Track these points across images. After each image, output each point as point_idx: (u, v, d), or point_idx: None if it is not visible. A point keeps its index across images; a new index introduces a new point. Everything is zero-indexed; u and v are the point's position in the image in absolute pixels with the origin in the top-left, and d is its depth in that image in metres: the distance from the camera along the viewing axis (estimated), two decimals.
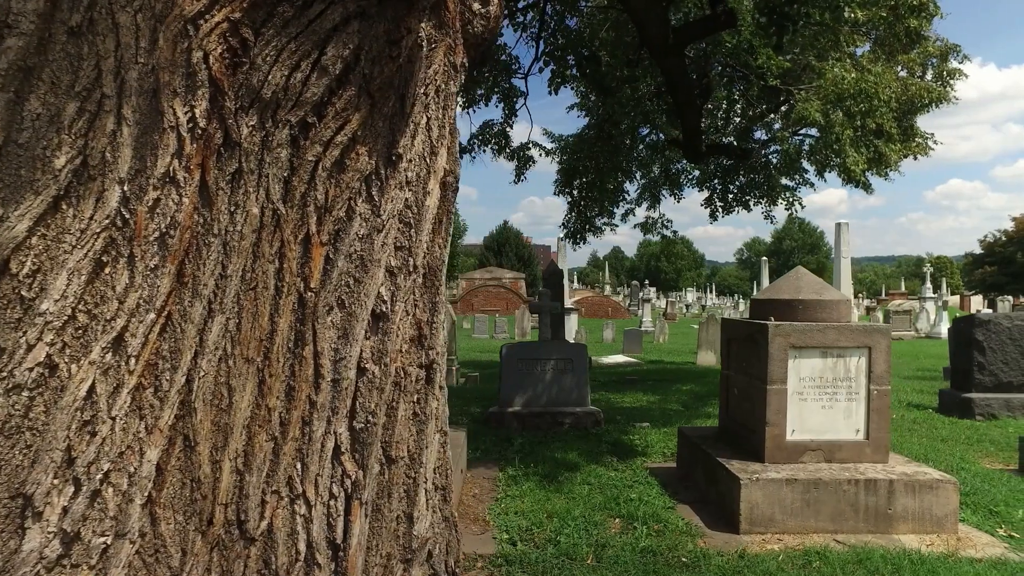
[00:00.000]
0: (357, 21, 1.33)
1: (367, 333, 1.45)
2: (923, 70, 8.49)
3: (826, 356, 3.65)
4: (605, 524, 3.50)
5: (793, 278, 3.97)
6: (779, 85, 7.10)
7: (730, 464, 3.61)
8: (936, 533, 3.40)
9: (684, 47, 5.45)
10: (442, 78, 1.65)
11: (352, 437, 1.40)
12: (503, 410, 6.08)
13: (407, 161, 1.53)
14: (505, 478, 4.35)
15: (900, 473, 3.49)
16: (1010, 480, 4.33)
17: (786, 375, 3.60)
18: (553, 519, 3.54)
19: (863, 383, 3.66)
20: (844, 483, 3.40)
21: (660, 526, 3.45)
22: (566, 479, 4.26)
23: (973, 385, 6.49)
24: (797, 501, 3.39)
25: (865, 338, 3.64)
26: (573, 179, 7.32)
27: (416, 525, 1.51)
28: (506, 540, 3.29)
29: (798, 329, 3.61)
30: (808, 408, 3.65)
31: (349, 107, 1.35)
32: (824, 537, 3.34)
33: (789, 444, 3.63)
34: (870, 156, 7.01)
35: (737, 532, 3.37)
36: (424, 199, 1.59)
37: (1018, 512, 3.72)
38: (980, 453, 5.19)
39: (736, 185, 9.13)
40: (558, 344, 6.30)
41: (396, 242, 1.51)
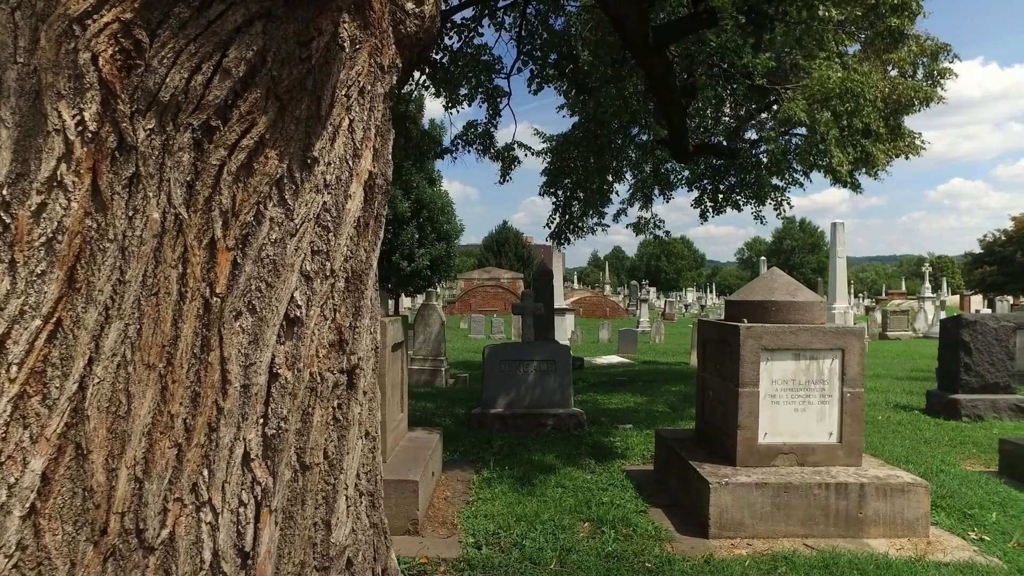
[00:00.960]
0: (261, 23, 1.30)
1: (280, 338, 1.42)
2: (914, 69, 8.45)
3: (799, 358, 3.61)
4: (574, 528, 3.48)
5: (767, 279, 3.93)
6: (765, 84, 7.06)
7: (701, 467, 3.58)
8: (907, 537, 3.36)
9: (666, 46, 5.42)
10: (367, 79, 1.63)
11: (263, 443, 1.37)
12: (485, 411, 6.06)
13: (325, 164, 1.50)
14: (479, 480, 4.32)
15: (872, 476, 3.45)
16: (988, 482, 4.28)
17: (758, 377, 3.57)
18: (521, 523, 3.51)
19: (836, 385, 3.63)
20: (815, 487, 3.37)
21: (629, 530, 3.42)
22: (540, 482, 4.23)
23: (960, 386, 6.44)
24: (767, 505, 3.35)
25: (838, 340, 3.60)
26: (558, 180, 7.29)
27: (335, 532, 1.48)
28: (471, 544, 3.26)
29: (770, 331, 3.57)
30: (781, 411, 3.62)
31: (255, 110, 1.32)
32: (794, 542, 3.31)
33: (761, 447, 3.59)
34: (857, 156, 6.97)
35: (706, 537, 3.34)
36: (345, 202, 1.56)
37: (991, 515, 3.68)
38: (962, 455, 5.14)
39: (726, 185, 9.09)
40: (541, 345, 6.27)
41: (313, 246, 1.48)
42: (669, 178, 8.98)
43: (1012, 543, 3.34)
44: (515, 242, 48.36)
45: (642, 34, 4.96)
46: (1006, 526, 3.52)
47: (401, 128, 5.94)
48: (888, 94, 6.94)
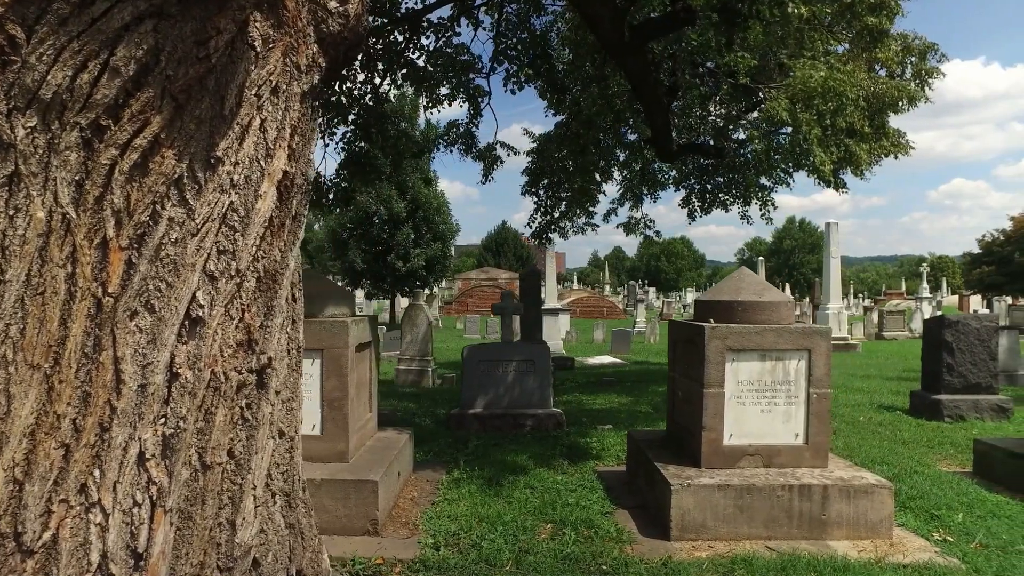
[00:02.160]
0: (152, 21, 1.29)
1: (182, 337, 1.40)
2: (902, 69, 8.42)
3: (765, 359, 3.59)
4: (535, 529, 3.46)
5: (735, 279, 3.91)
6: (749, 83, 7.03)
7: (665, 469, 3.56)
8: (870, 538, 3.33)
9: (643, 45, 5.39)
10: (281, 78, 1.61)
11: (161, 443, 1.36)
12: (464, 412, 6.04)
13: (232, 164, 1.49)
14: (448, 481, 4.31)
15: (836, 478, 3.42)
16: (960, 483, 4.25)
17: (723, 378, 3.54)
18: (483, 524, 3.49)
19: (803, 386, 3.60)
20: (778, 489, 3.34)
21: (590, 532, 3.40)
22: (509, 483, 4.21)
23: (942, 387, 6.41)
24: (730, 507, 3.33)
25: (804, 340, 3.57)
26: (539, 179, 7.26)
27: (240, 532, 1.47)
28: (430, 545, 3.25)
29: (735, 331, 3.55)
30: (746, 412, 3.59)
31: (149, 109, 1.31)
32: (756, 544, 3.28)
33: (726, 449, 3.57)
34: (840, 155, 6.94)
35: (668, 539, 3.31)
36: (255, 202, 1.55)
37: (958, 516, 3.65)
38: (939, 456, 5.11)
39: (713, 185, 9.06)
40: (520, 345, 6.25)
41: (218, 246, 1.47)
42: (656, 177, 8.95)
43: (975, 544, 3.31)
44: (514, 242, 48.36)
45: (617, 33, 4.93)
46: (971, 527, 3.50)
47: (380, 128, 5.94)
48: (872, 93, 6.90)
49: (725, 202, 9.29)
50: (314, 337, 3.63)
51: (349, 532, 3.34)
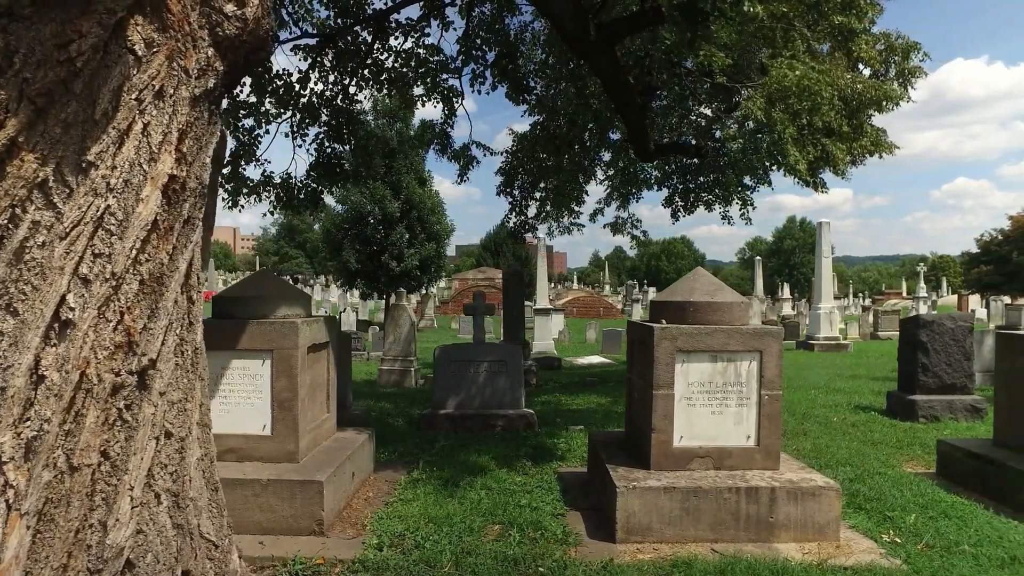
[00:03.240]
0: (2, 21, 1.28)
1: (51, 340, 1.40)
2: (886, 68, 8.38)
3: (716, 360, 3.57)
4: (483, 530, 3.45)
5: (690, 279, 3.89)
6: (726, 83, 7.00)
7: (615, 471, 3.54)
8: (817, 541, 3.31)
9: (612, 44, 5.37)
10: (167, 82, 1.61)
11: (22, 446, 1.36)
12: (435, 412, 6.04)
13: (108, 167, 1.48)
14: (406, 481, 4.30)
15: (785, 480, 3.40)
16: (921, 484, 4.22)
17: (673, 379, 3.53)
18: (431, 524, 3.49)
19: (754, 388, 3.58)
20: (725, 491, 3.32)
21: (537, 534, 3.39)
22: (466, 483, 4.21)
23: (917, 387, 6.38)
24: (676, 510, 3.31)
25: (756, 342, 3.55)
26: (514, 179, 7.25)
27: (112, 533, 1.47)
28: (374, 545, 3.24)
29: (685, 332, 3.53)
30: (697, 414, 3.58)
31: (3, 112, 1.30)
32: (702, 547, 3.27)
33: (676, 451, 3.55)
34: (817, 155, 6.90)
35: (614, 541, 3.30)
36: (136, 206, 1.54)
37: (911, 516, 3.63)
38: (906, 456, 5.08)
39: (695, 185, 9.03)
40: (492, 346, 6.24)
41: (93, 249, 1.47)
42: (638, 177, 8.93)
43: (922, 545, 3.29)
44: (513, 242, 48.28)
45: (581, 31, 4.91)
46: (922, 528, 3.47)
47: (352, 129, 5.93)
48: (850, 93, 6.87)
49: (709, 202, 9.27)
50: (264, 338, 3.63)
51: (295, 532, 3.35)
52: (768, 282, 53.56)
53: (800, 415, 6.63)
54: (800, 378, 9.90)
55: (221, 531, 2.00)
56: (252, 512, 3.34)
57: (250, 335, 3.63)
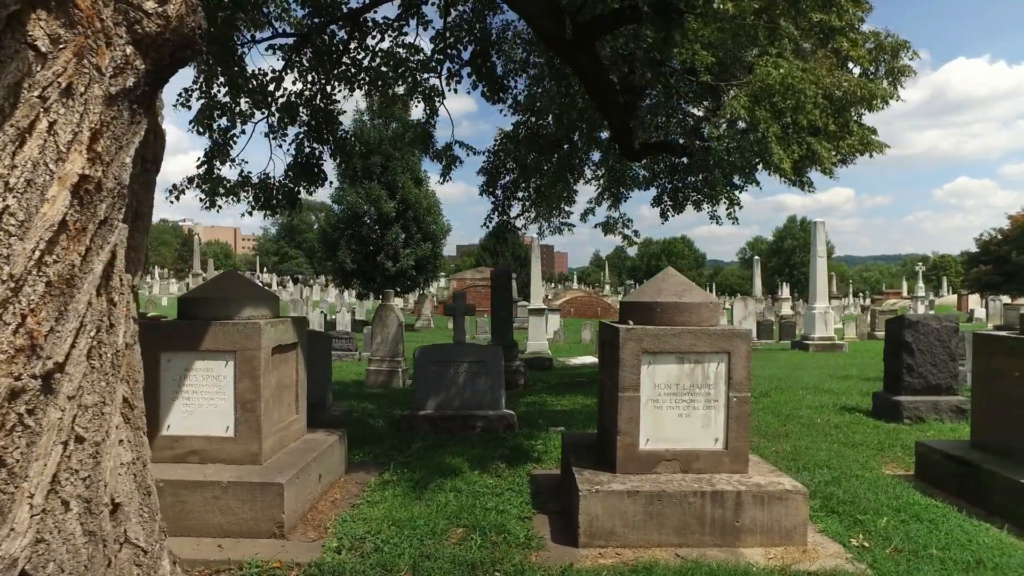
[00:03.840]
0: None
1: None
2: (876, 67, 8.33)
3: (683, 362, 3.52)
4: (446, 534, 3.41)
5: (659, 279, 3.84)
6: (711, 81, 6.94)
7: (580, 474, 3.50)
8: (784, 545, 3.26)
9: (590, 43, 5.32)
10: (76, 79, 1.57)
11: None
12: (415, 413, 6.00)
13: (6, 166, 1.45)
14: (376, 483, 4.27)
15: (752, 484, 3.35)
16: (897, 486, 4.17)
17: (639, 381, 3.48)
18: (395, 527, 3.45)
19: (722, 390, 3.53)
20: (690, 495, 3.27)
21: (500, 537, 3.34)
22: (436, 486, 4.17)
23: (902, 388, 6.31)
24: (640, 514, 3.26)
25: (724, 343, 3.50)
26: (496, 179, 7.20)
27: (6, 543, 1.42)
28: (333, 548, 3.20)
29: (651, 333, 3.48)
30: (664, 416, 3.53)
31: None
32: (666, 551, 3.22)
33: (643, 454, 3.50)
34: (802, 153, 6.84)
35: (576, 546, 3.26)
36: (40, 206, 1.50)
37: (882, 520, 3.58)
38: (887, 458, 5.02)
39: (683, 184, 8.97)
40: (472, 346, 6.20)
41: None
42: (626, 175, 8.87)
43: (890, 549, 3.24)
44: (512, 242, 48.23)
45: (556, 29, 4.87)
46: (892, 531, 3.42)
47: (330, 129, 5.89)
48: (835, 91, 6.80)
49: (698, 201, 9.21)
50: (227, 339, 3.60)
51: (255, 535, 3.31)
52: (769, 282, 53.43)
53: (784, 416, 6.57)
54: (791, 378, 9.83)
55: (152, 536, 1.96)
56: (212, 515, 3.30)
57: (213, 336, 3.59)
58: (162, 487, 3.29)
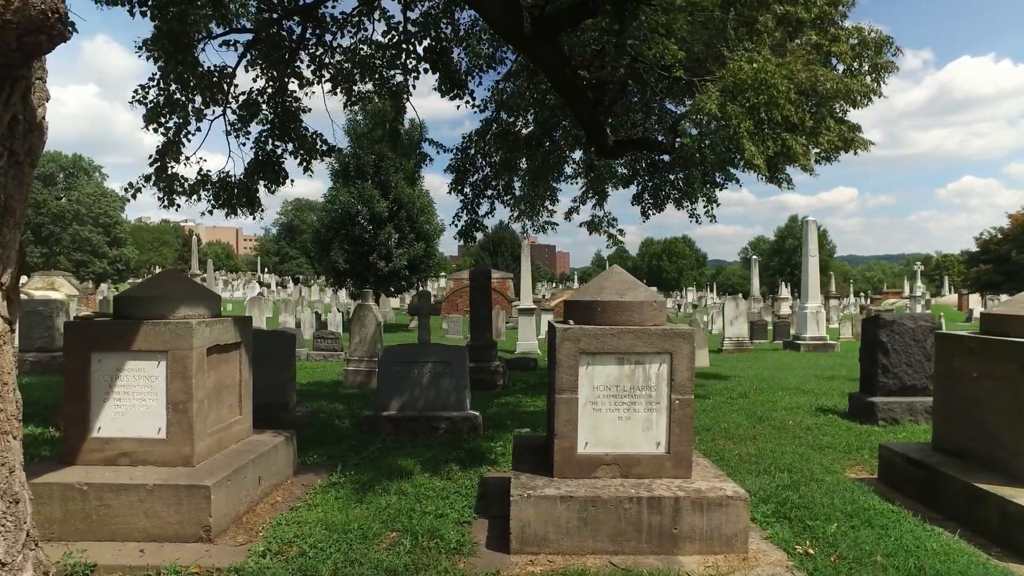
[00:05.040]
0: None
1: None
2: (859, 63, 8.20)
3: (623, 363, 3.41)
4: (379, 538, 3.32)
5: (603, 278, 3.74)
6: (683, 76, 6.82)
7: (517, 478, 3.40)
8: (724, 553, 3.15)
9: (551, 37, 5.22)
10: None
11: None
12: (378, 414, 5.92)
13: None
14: (323, 486, 4.18)
15: (692, 490, 3.24)
16: (855, 491, 4.04)
17: (576, 383, 3.38)
18: (327, 531, 3.36)
19: (664, 392, 3.42)
20: (625, 501, 3.17)
21: (432, 543, 3.26)
22: (382, 488, 4.08)
23: (877, 388, 6.18)
24: (573, 520, 3.16)
25: (666, 343, 3.39)
26: (464, 177, 7.10)
27: None
28: (258, 552, 3.12)
29: (589, 333, 3.38)
30: (603, 419, 3.42)
31: None
32: (599, 559, 3.12)
33: (581, 458, 3.40)
34: (777, 149, 6.71)
35: (508, 552, 3.16)
36: None
37: (832, 526, 3.46)
38: (853, 461, 4.90)
39: (664, 181, 8.86)
40: (436, 347, 6.11)
41: None
42: (605, 174, 8.76)
43: (835, 556, 3.13)
44: (511, 242, 48.15)
45: (514, 23, 4.77)
46: (840, 538, 3.31)
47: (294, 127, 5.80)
48: (810, 86, 6.67)
49: (679, 199, 9.09)
50: (158, 338, 3.53)
51: (181, 539, 3.23)
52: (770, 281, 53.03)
53: (757, 418, 6.44)
54: (775, 379, 9.70)
55: (14, 547, 1.88)
56: (137, 519, 3.23)
57: (144, 336, 3.52)
58: (85, 490, 3.23)
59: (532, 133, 7.90)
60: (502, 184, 7.24)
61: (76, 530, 3.16)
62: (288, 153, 5.76)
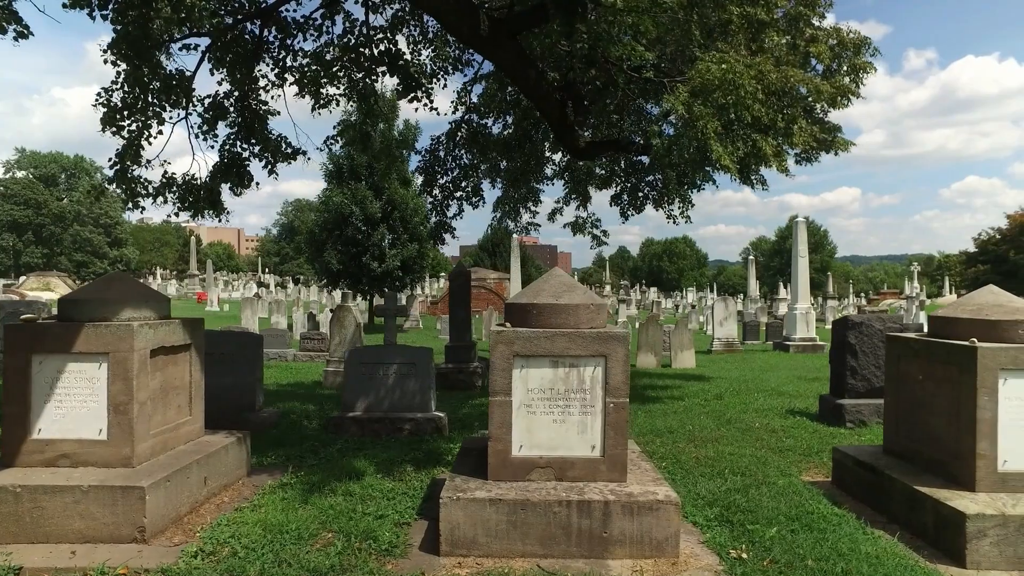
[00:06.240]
0: None
1: None
2: (838, 63, 8.18)
3: (557, 366, 3.41)
4: (314, 539, 3.34)
5: (543, 280, 3.74)
6: (653, 77, 6.81)
7: (452, 480, 3.41)
8: (654, 558, 3.15)
9: (511, 39, 5.22)
10: None
11: None
12: (343, 415, 5.94)
13: None
14: (272, 487, 4.20)
15: (624, 494, 3.23)
16: (805, 494, 4.03)
17: (510, 386, 3.38)
18: (264, 532, 3.38)
19: (599, 395, 3.41)
20: (555, 504, 3.16)
21: (365, 544, 3.27)
22: (330, 489, 4.09)
23: (846, 390, 6.15)
24: (503, 523, 3.16)
25: (600, 346, 3.39)
26: (434, 179, 7.11)
27: None
28: (190, 553, 3.14)
29: (523, 336, 3.38)
30: (538, 422, 3.42)
31: None
32: (528, 562, 3.12)
33: (515, 460, 3.40)
34: (748, 150, 6.69)
35: (438, 555, 3.17)
36: None
37: (772, 530, 3.45)
38: (811, 464, 4.88)
39: (643, 182, 8.85)
40: (402, 348, 6.12)
41: None
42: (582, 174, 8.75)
43: (767, 561, 3.12)
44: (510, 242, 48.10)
45: (470, 26, 4.78)
46: (777, 542, 3.29)
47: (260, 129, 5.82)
48: (780, 87, 6.64)
49: (659, 200, 9.08)
50: (99, 341, 3.55)
51: (115, 540, 3.25)
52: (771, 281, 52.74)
53: (725, 420, 6.42)
54: (756, 380, 9.66)
55: None
56: (72, 520, 3.25)
57: (85, 338, 3.54)
58: (18, 492, 3.25)
59: (512, 135, 7.90)
60: (471, 186, 7.24)
61: (7, 532, 3.18)
62: (253, 156, 5.79)
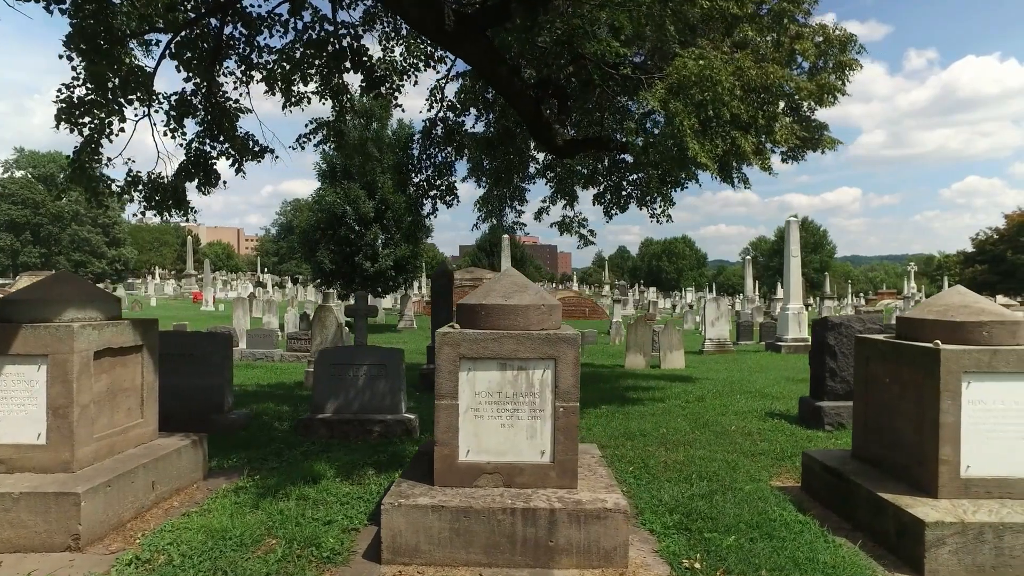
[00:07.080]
0: None
1: None
2: (824, 60, 8.08)
3: (505, 368, 3.31)
4: (257, 545, 3.24)
5: (495, 280, 3.63)
6: (631, 74, 6.70)
7: (398, 485, 3.31)
8: (602, 568, 3.04)
9: (477, 35, 5.11)
10: None
11: None
12: (313, 417, 5.84)
13: None
14: (226, 491, 4.11)
15: (572, 501, 3.13)
16: (771, 500, 3.91)
17: (456, 389, 3.28)
18: (207, 537, 3.28)
19: (548, 399, 3.31)
20: (499, 512, 3.06)
21: (307, 551, 3.17)
22: (285, 493, 3.99)
23: (825, 392, 6.03)
24: (445, 531, 3.06)
25: (549, 348, 3.28)
26: (407, 178, 7.01)
27: None
28: (124, 562, 3.05)
29: (469, 338, 3.28)
30: (486, 426, 3.32)
31: None
32: (471, 571, 3.02)
33: (462, 466, 3.30)
34: (727, 148, 6.58)
35: (379, 562, 3.07)
36: None
37: (730, 539, 3.34)
38: (782, 469, 4.76)
39: (626, 181, 8.74)
40: (372, 349, 6.02)
41: None
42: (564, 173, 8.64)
43: (720, 571, 3.01)
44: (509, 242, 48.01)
45: (433, 20, 4.67)
46: (734, 551, 3.18)
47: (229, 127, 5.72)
48: (760, 84, 6.52)
49: (642, 199, 8.96)
50: (38, 342, 3.46)
51: (48, 549, 3.16)
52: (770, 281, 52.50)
53: (702, 422, 6.31)
54: (743, 381, 9.54)
55: None
56: (2, 529, 3.16)
57: (23, 339, 3.46)
58: None
59: (494, 132, 7.80)
60: (445, 184, 7.15)
61: None
62: (220, 154, 5.70)
